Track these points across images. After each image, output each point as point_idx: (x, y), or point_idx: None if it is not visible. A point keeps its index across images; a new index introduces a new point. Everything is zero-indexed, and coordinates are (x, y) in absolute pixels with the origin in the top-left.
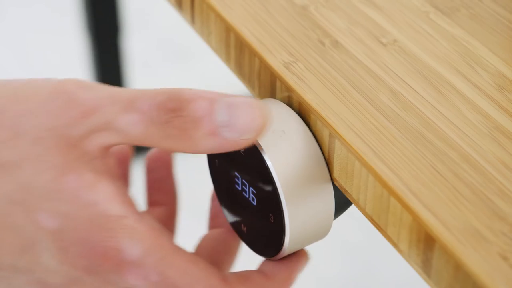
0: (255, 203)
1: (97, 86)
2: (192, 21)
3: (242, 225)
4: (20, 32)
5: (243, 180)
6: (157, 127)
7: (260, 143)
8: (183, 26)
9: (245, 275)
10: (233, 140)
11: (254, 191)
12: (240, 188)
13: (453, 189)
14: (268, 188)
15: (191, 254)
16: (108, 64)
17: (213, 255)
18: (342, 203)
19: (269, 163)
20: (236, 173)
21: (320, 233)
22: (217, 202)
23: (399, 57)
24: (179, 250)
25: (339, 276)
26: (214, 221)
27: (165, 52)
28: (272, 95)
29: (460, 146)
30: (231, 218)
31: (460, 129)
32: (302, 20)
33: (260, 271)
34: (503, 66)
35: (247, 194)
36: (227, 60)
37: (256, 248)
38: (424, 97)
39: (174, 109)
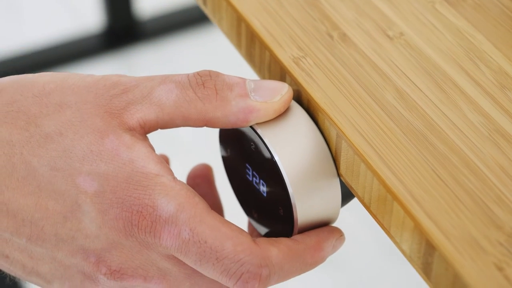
0: (265, 195)
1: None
2: (204, 3)
3: (253, 211)
4: None
5: (254, 172)
6: (192, 90)
7: (268, 139)
8: None
9: (274, 238)
10: (261, 101)
11: (264, 184)
12: (251, 179)
13: (454, 196)
14: (277, 182)
15: (222, 217)
16: None
17: None
18: (348, 194)
19: (277, 158)
20: (247, 165)
21: (328, 223)
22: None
23: (405, 52)
24: (211, 211)
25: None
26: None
27: None
28: None
29: (461, 149)
30: (242, 203)
31: (461, 131)
32: (311, 10)
33: (289, 238)
34: (505, 62)
35: (257, 185)
36: (238, 46)
37: (266, 234)
38: (427, 95)
39: (208, 74)
